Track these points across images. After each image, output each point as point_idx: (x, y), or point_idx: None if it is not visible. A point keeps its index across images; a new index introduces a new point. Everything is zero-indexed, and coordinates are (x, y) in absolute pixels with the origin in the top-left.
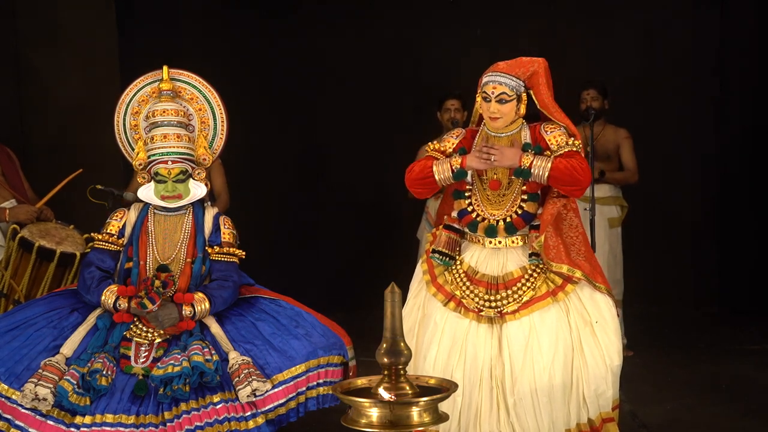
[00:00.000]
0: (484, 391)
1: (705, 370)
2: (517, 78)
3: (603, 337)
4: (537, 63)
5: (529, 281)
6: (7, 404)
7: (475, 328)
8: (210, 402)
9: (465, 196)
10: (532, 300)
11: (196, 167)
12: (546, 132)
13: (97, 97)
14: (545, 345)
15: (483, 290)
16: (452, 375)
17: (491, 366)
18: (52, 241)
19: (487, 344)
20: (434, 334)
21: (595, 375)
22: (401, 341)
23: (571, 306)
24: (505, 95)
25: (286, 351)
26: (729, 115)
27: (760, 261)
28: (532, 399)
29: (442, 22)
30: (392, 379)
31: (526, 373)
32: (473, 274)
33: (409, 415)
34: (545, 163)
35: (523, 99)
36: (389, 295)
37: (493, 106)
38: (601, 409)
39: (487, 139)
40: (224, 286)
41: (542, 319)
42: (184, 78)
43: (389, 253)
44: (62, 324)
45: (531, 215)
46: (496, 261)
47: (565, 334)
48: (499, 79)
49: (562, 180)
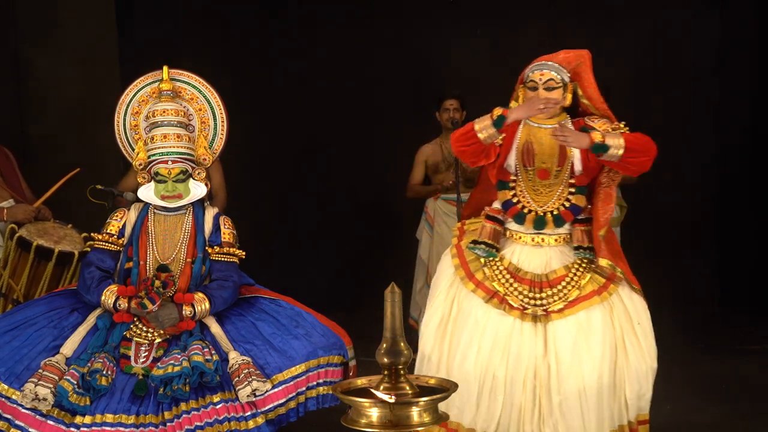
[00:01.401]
0: (527, 391)
1: (705, 370)
2: (563, 68)
3: (643, 338)
4: (582, 55)
5: (573, 279)
6: (7, 404)
7: (519, 326)
8: (210, 402)
9: (510, 186)
10: (578, 299)
11: (196, 167)
12: (592, 121)
13: (97, 97)
14: (594, 344)
15: (526, 288)
16: (494, 374)
17: (535, 365)
18: (51, 241)
19: (532, 343)
20: (475, 333)
21: (638, 376)
22: (401, 341)
23: (615, 305)
24: (552, 82)
25: (286, 351)
26: (729, 115)
27: (760, 261)
28: (579, 399)
29: (442, 22)
30: (392, 379)
31: (574, 373)
32: (516, 271)
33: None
34: (617, 138)
35: (569, 89)
36: (389, 295)
37: (541, 93)
38: (639, 411)
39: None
40: (224, 286)
41: (588, 318)
42: (184, 78)
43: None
44: (62, 324)
45: (579, 208)
46: (539, 259)
47: (611, 333)
48: (547, 67)
49: (637, 149)
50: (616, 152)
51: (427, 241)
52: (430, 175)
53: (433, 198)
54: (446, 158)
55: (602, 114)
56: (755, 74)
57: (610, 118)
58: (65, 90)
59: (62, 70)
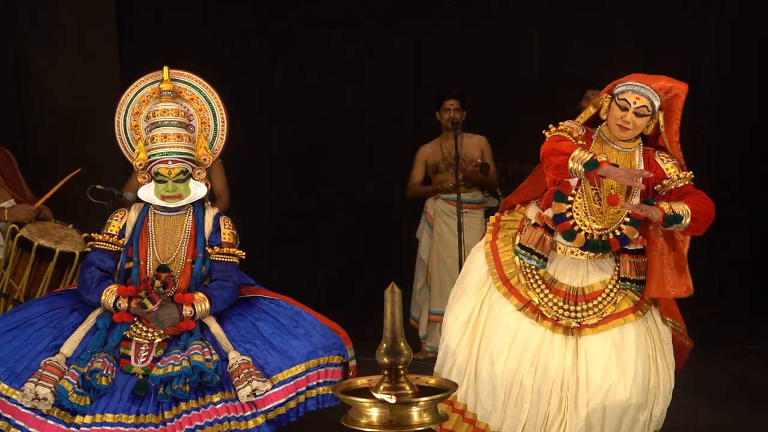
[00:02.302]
0: (553, 401)
1: (705, 370)
2: (658, 96)
3: (670, 359)
4: (680, 87)
5: (609, 295)
6: (8, 404)
7: (550, 337)
8: (210, 402)
9: (568, 201)
10: (613, 315)
11: (197, 167)
12: (662, 161)
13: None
14: (628, 363)
15: (561, 299)
16: (522, 382)
17: (563, 378)
18: (51, 241)
19: (561, 355)
20: (505, 339)
21: (665, 396)
22: (401, 341)
23: (647, 325)
24: (645, 109)
25: (286, 351)
26: (729, 115)
27: (760, 261)
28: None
29: (442, 21)
30: (392, 379)
31: (604, 389)
32: (551, 282)
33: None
34: (684, 207)
35: (656, 118)
36: (389, 295)
37: (629, 116)
38: (656, 427)
39: (602, 145)
40: (224, 286)
41: (622, 336)
42: (185, 78)
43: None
44: (62, 324)
45: (627, 239)
46: (577, 272)
47: (644, 351)
48: (644, 92)
49: (701, 221)
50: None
51: (427, 241)
52: (430, 175)
53: (433, 198)
54: (446, 158)
55: (675, 153)
56: (755, 74)
57: (679, 160)
58: (65, 90)
59: (62, 70)
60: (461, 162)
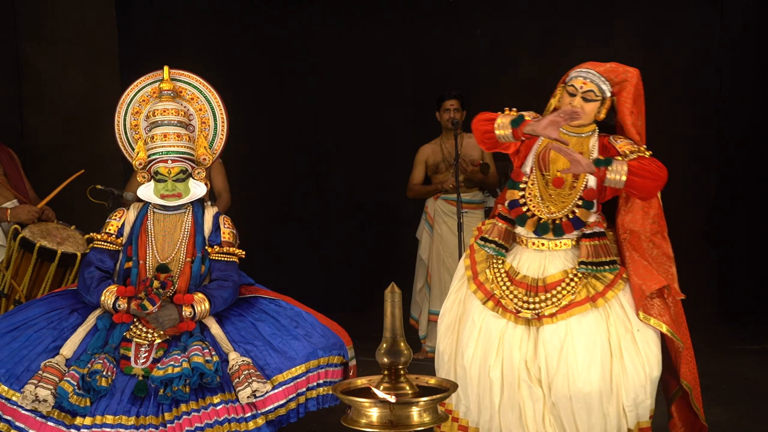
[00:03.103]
0: (523, 391)
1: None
2: (608, 81)
3: (644, 346)
4: (630, 72)
5: (569, 285)
6: (8, 406)
7: (512, 329)
8: (210, 403)
9: (519, 187)
10: (571, 304)
11: (196, 167)
12: (616, 141)
13: (97, 97)
14: (580, 350)
15: (523, 291)
16: (489, 374)
17: (527, 367)
18: (53, 242)
19: (523, 345)
20: (472, 333)
21: (634, 384)
22: (401, 341)
23: (612, 313)
24: (592, 93)
25: (286, 352)
26: (729, 115)
27: (760, 261)
28: (568, 403)
29: (442, 21)
30: (392, 379)
31: (561, 378)
32: (514, 274)
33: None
34: (621, 167)
35: (607, 104)
36: (389, 295)
37: (577, 101)
38: (639, 419)
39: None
40: (224, 286)
41: (579, 324)
42: (185, 78)
43: (389, 253)
44: (62, 325)
45: (582, 222)
46: (538, 263)
47: (602, 340)
48: (591, 77)
49: (640, 175)
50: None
51: (427, 241)
52: (431, 175)
53: (433, 198)
54: (446, 158)
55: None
56: (755, 74)
57: (634, 141)
58: (65, 90)
59: (62, 70)
60: (461, 162)
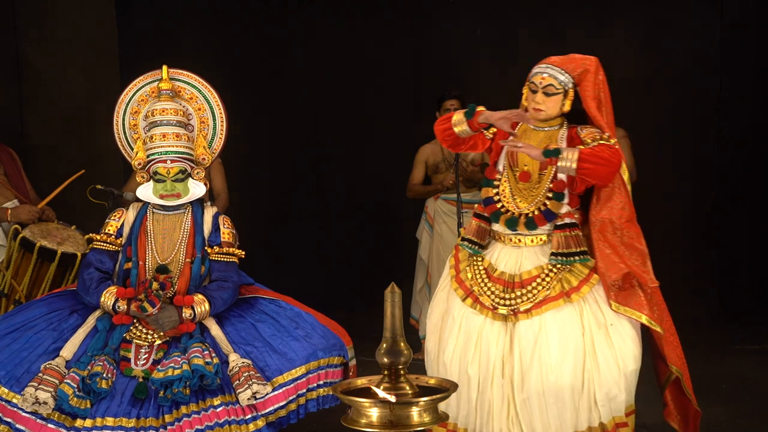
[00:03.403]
0: (495, 387)
1: (705, 370)
2: (567, 73)
3: (618, 340)
4: (589, 61)
5: (544, 281)
6: (8, 408)
7: (490, 325)
8: (210, 405)
9: (493, 184)
10: (546, 300)
11: (195, 167)
12: (581, 131)
13: (97, 97)
14: (553, 345)
15: (500, 288)
16: (467, 371)
17: (502, 363)
18: (54, 242)
19: (500, 342)
20: (452, 329)
21: (606, 378)
22: (401, 341)
23: (586, 308)
24: (552, 87)
25: (286, 353)
26: (729, 115)
27: (760, 261)
28: (540, 398)
29: (442, 21)
30: (392, 379)
31: (534, 373)
32: (492, 271)
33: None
34: (572, 154)
35: (570, 95)
36: (389, 295)
37: (539, 97)
38: (613, 414)
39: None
40: (224, 287)
41: (553, 320)
42: (184, 78)
43: (389, 253)
44: (62, 326)
45: (553, 214)
46: (514, 259)
47: (576, 335)
48: (549, 71)
49: (591, 161)
50: (569, 161)
51: (427, 241)
52: (431, 175)
53: (433, 198)
54: (446, 158)
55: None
56: (755, 74)
57: (601, 128)
58: (65, 90)
59: (62, 70)
60: (461, 162)
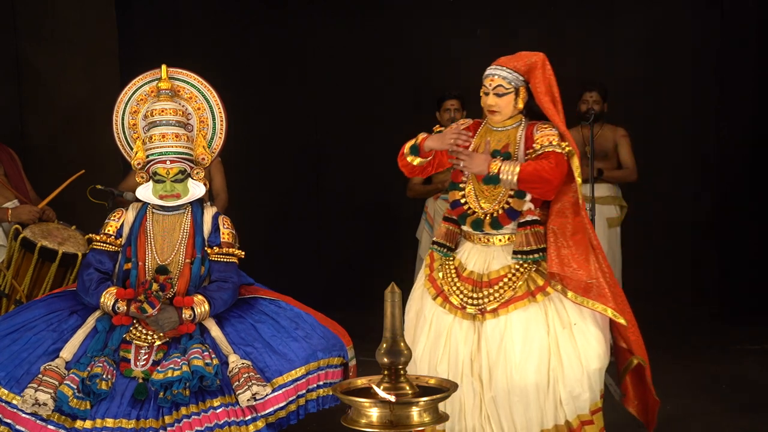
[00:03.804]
0: (465, 386)
1: (705, 370)
2: (515, 71)
3: (581, 339)
4: (535, 57)
5: (511, 280)
6: (8, 409)
7: (459, 324)
8: (210, 406)
9: (459, 187)
10: (512, 299)
11: (195, 167)
12: (537, 131)
13: (97, 97)
14: (518, 344)
15: (469, 287)
16: (436, 369)
17: (471, 362)
18: (54, 242)
19: (468, 340)
20: (423, 328)
21: (570, 377)
22: (401, 341)
23: (551, 307)
24: (501, 87)
25: (286, 354)
26: (729, 115)
27: (760, 261)
28: (506, 397)
29: (442, 21)
30: (392, 379)
31: (500, 371)
32: (462, 270)
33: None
34: (513, 167)
35: (521, 93)
36: (389, 295)
37: (491, 99)
38: (578, 411)
39: (487, 131)
40: (224, 287)
41: (519, 319)
42: (183, 77)
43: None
44: (62, 327)
45: (516, 212)
46: (483, 258)
47: (540, 334)
48: (497, 72)
49: (530, 181)
50: (510, 183)
51: (427, 241)
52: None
53: (433, 198)
54: None
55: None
56: (755, 74)
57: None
58: (65, 90)
59: (62, 70)
60: None
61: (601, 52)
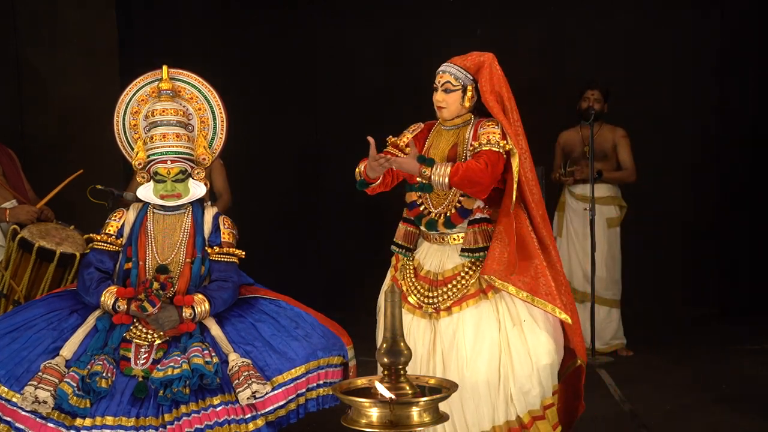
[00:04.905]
0: None
1: (705, 370)
2: (464, 70)
3: (531, 336)
4: (484, 56)
5: (464, 279)
6: (8, 407)
7: (417, 323)
8: (210, 404)
9: (415, 188)
10: (464, 297)
11: (196, 167)
12: (480, 128)
13: (97, 97)
14: (469, 341)
15: (426, 286)
16: None
17: (427, 360)
18: (52, 242)
19: (425, 338)
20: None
21: (520, 373)
22: (401, 341)
23: (502, 304)
24: (449, 84)
25: (286, 353)
26: (729, 115)
27: (759, 261)
28: (458, 393)
29: (442, 21)
30: (392, 379)
31: (452, 368)
32: (420, 269)
33: (409, 415)
34: (444, 169)
35: (469, 91)
36: (389, 295)
37: (438, 95)
38: (529, 407)
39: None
40: (224, 287)
41: (470, 316)
42: (184, 77)
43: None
44: (62, 326)
45: (468, 210)
46: (438, 258)
47: (491, 331)
48: (448, 69)
49: (462, 184)
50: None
51: None
52: None
53: None
54: None
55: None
56: (755, 74)
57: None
58: (65, 90)
59: (62, 70)
60: None
61: (601, 51)
